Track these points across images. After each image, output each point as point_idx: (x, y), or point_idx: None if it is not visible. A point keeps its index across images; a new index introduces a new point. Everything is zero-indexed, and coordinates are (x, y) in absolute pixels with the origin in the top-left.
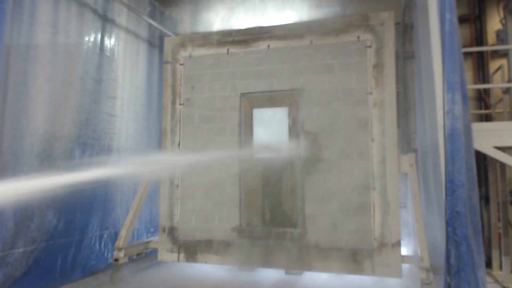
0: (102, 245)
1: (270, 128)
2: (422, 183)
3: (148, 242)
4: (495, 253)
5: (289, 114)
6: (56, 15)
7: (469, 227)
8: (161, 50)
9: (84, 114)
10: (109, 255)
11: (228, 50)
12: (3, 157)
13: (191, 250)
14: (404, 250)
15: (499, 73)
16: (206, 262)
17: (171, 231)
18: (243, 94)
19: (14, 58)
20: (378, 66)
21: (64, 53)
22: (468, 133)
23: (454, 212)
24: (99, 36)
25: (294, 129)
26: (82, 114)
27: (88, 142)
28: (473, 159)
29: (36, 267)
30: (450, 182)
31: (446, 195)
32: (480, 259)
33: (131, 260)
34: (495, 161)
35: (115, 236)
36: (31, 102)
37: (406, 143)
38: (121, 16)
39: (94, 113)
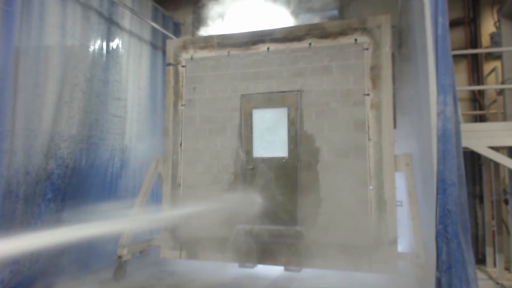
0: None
1: (270, 128)
2: (420, 183)
3: (151, 239)
4: (489, 251)
5: (288, 115)
6: (63, 18)
7: (459, 224)
8: (164, 52)
9: (91, 115)
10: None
11: (228, 52)
12: (17, 157)
13: (192, 247)
14: (400, 247)
15: (493, 75)
16: (207, 259)
17: (173, 229)
18: (243, 95)
19: (25, 60)
20: (375, 68)
21: (71, 55)
22: (457, 133)
23: (446, 210)
24: (104, 38)
25: (293, 130)
26: (88, 114)
27: (95, 142)
28: (462, 159)
29: (43, 264)
30: (442, 181)
31: (437, 193)
32: (469, 256)
33: (134, 257)
34: (489, 160)
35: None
36: (42, 103)
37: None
38: (125, 19)
39: (100, 114)
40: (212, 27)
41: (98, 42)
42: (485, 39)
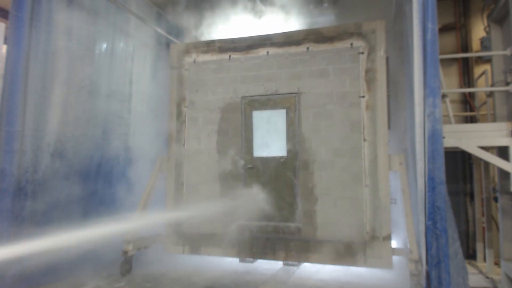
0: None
1: (269, 129)
2: (414, 181)
3: (155, 235)
4: (479, 246)
5: (287, 116)
6: (70, 23)
7: (447, 221)
8: (167, 56)
9: (96, 116)
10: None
11: (230, 56)
12: (26, 156)
13: (195, 243)
14: (394, 243)
15: (483, 78)
16: (209, 254)
17: (177, 225)
18: (244, 97)
19: (34, 64)
20: (370, 71)
21: (77, 59)
22: None
23: (435, 207)
24: (109, 43)
25: (291, 130)
26: (92, 116)
27: (99, 143)
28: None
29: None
30: (431, 179)
31: (426, 191)
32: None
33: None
34: (479, 160)
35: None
36: (49, 104)
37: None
38: (130, 24)
39: (105, 116)
40: (214, 32)
41: (103, 46)
42: (475, 44)
